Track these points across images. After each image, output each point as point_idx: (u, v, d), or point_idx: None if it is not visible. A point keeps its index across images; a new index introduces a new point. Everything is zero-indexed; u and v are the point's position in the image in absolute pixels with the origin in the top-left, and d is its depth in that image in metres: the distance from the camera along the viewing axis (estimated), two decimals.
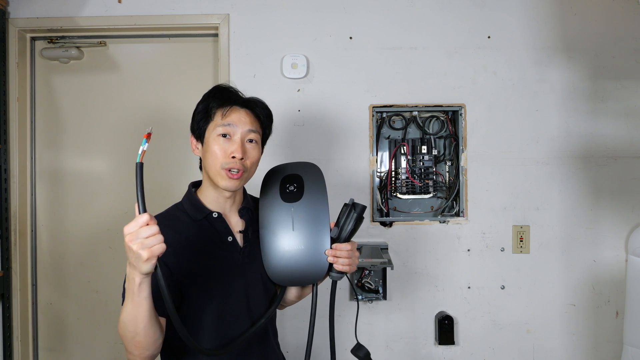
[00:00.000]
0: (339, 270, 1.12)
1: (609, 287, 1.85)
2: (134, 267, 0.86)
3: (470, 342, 1.86)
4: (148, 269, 0.85)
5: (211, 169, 1.10)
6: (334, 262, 1.11)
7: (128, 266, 0.88)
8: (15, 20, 1.90)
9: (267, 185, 1.19)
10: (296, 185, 1.17)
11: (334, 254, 1.11)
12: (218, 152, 1.08)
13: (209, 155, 1.10)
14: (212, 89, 1.15)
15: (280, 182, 1.18)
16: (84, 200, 2.00)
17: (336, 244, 1.12)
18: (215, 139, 1.09)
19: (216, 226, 1.13)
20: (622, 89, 1.85)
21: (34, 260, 2.00)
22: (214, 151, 1.09)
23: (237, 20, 1.87)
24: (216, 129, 1.09)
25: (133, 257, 0.85)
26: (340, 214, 1.14)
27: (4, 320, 1.88)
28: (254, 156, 1.12)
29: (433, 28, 1.87)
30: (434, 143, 1.91)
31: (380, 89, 1.87)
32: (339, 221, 1.13)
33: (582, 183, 1.85)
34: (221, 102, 1.11)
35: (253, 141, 1.12)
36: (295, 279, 1.14)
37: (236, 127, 1.10)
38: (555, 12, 1.86)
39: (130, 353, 0.96)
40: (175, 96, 1.98)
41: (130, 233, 0.85)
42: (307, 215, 1.14)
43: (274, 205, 1.15)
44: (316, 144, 1.87)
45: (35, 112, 2.01)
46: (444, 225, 1.86)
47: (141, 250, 0.84)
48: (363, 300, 1.84)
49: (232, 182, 1.09)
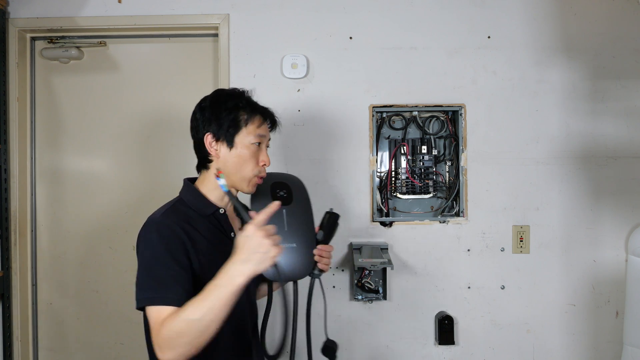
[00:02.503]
0: (320, 269, 1.24)
1: (609, 287, 1.85)
2: (250, 265, 0.93)
3: (470, 342, 1.86)
4: (266, 266, 0.94)
5: (239, 174, 1.16)
6: (319, 260, 1.23)
7: (234, 265, 0.94)
8: (15, 20, 1.90)
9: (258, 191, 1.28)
10: (285, 191, 1.28)
11: (320, 253, 1.23)
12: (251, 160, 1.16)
13: (238, 161, 1.16)
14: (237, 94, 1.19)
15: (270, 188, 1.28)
16: (84, 200, 2.00)
17: (322, 245, 1.25)
18: (247, 147, 1.15)
19: (222, 222, 1.19)
20: (622, 89, 1.85)
21: (34, 260, 2.00)
22: (247, 159, 1.15)
23: (237, 20, 1.87)
24: (249, 136, 1.15)
25: (259, 255, 0.93)
26: (324, 220, 1.29)
27: (4, 320, 1.88)
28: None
29: (433, 28, 1.87)
30: (434, 143, 1.91)
31: (380, 89, 1.87)
32: (323, 226, 1.28)
33: (582, 183, 1.85)
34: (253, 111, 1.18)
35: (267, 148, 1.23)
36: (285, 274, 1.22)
37: (265, 137, 1.19)
38: (555, 12, 1.86)
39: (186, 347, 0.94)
40: (175, 96, 1.98)
41: (265, 229, 0.94)
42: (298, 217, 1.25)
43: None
44: (316, 144, 1.87)
45: (35, 112, 2.01)
46: (444, 225, 1.86)
47: (274, 247, 0.93)
48: (363, 300, 1.84)
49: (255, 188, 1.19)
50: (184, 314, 0.94)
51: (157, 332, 0.97)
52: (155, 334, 0.97)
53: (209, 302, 0.93)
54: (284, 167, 1.86)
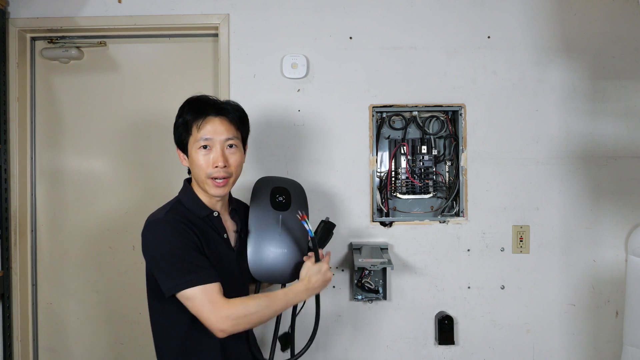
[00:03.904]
0: None
1: (609, 287, 1.85)
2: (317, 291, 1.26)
3: (470, 342, 1.86)
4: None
5: (199, 178, 1.21)
6: None
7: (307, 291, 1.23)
8: (15, 21, 1.90)
9: (258, 194, 1.34)
10: (284, 197, 1.33)
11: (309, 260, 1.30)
12: (201, 164, 1.18)
13: (194, 167, 1.21)
14: (184, 103, 1.25)
15: (270, 192, 1.33)
16: (84, 200, 2.00)
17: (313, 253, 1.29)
18: (196, 152, 1.19)
19: (215, 224, 1.24)
20: (622, 89, 1.85)
21: (34, 260, 2.00)
22: (197, 163, 1.19)
23: (237, 20, 1.87)
24: (195, 142, 1.19)
25: (323, 284, 1.26)
26: (318, 228, 1.36)
27: (4, 320, 1.88)
28: (235, 160, 1.22)
29: (433, 28, 1.87)
30: (434, 143, 1.91)
31: (380, 89, 1.87)
32: (317, 233, 1.33)
33: (582, 183, 1.85)
34: (195, 115, 1.20)
35: (233, 146, 1.22)
36: (275, 277, 1.31)
37: (213, 138, 1.19)
38: (555, 12, 1.86)
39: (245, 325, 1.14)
40: (175, 96, 1.94)
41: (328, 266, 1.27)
42: (293, 224, 1.31)
43: (265, 210, 1.32)
44: (316, 144, 1.87)
45: (35, 112, 2.01)
46: (444, 225, 1.86)
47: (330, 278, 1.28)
48: (363, 300, 1.84)
49: (219, 190, 1.20)
50: (256, 302, 1.13)
51: (218, 306, 1.09)
52: (215, 308, 1.09)
53: (279, 305, 1.17)
54: (283, 167, 1.86)
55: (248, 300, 1.14)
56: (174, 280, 1.09)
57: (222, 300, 1.10)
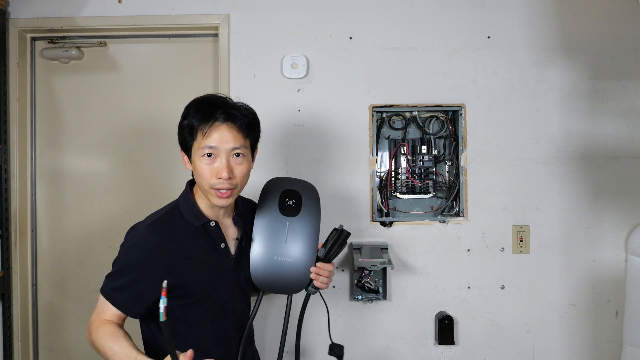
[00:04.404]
0: (317, 287, 1.22)
1: (609, 287, 1.85)
2: None
3: (470, 342, 1.86)
4: None
5: (201, 187, 1.13)
6: (315, 278, 1.21)
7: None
8: (15, 21, 1.90)
9: (267, 196, 1.25)
10: (295, 201, 1.24)
11: (317, 271, 1.21)
12: (205, 173, 1.10)
13: (197, 175, 1.12)
14: (191, 103, 1.14)
15: (280, 195, 1.24)
16: (84, 200, 2.00)
17: (322, 263, 1.21)
18: (200, 160, 1.10)
19: (211, 234, 1.17)
20: (622, 89, 1.85)
21: (34, 260, 2.00)
22: (200, 172, 1.10)
23: (237, 20, 1.87)
24: (200, 149, 1.09)
25: None
26: (330, 237, 1.24)
27: (4, 320, 1.88)
28: (241, 171, 1.13)
29: (433, 28, 1.87)
30: (434, 143, 1.91)
31: (380, 89, 1.87)
32: (327, 243, 1.23)
33: (582, 183, 1.85)
34: (201, 120, 1.09)
35: (240, 155, 1.12)
36: (277, 287, 1.23)
37: (219, 147, 1.09)
38: (555, 12, 1.86)
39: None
40: (175, 96, 1.98)
41: None
42: (301, 231, 1.22)
43: (272, 216, 1.23)
44: (316, 144, 1.87)
45: (35, 112, 2.01)
46: (444, 225, 1.86)
47: None
48: (363, 300, 1.84)
49: (222, 201, 1.11)
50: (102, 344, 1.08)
51: (95, 324, 1.10)
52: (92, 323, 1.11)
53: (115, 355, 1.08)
54: (284, 167, 1.86)
55: (105, 338, 1.08)
56: (106, 280, 1.14)
57: (101, 322, 1.11)
